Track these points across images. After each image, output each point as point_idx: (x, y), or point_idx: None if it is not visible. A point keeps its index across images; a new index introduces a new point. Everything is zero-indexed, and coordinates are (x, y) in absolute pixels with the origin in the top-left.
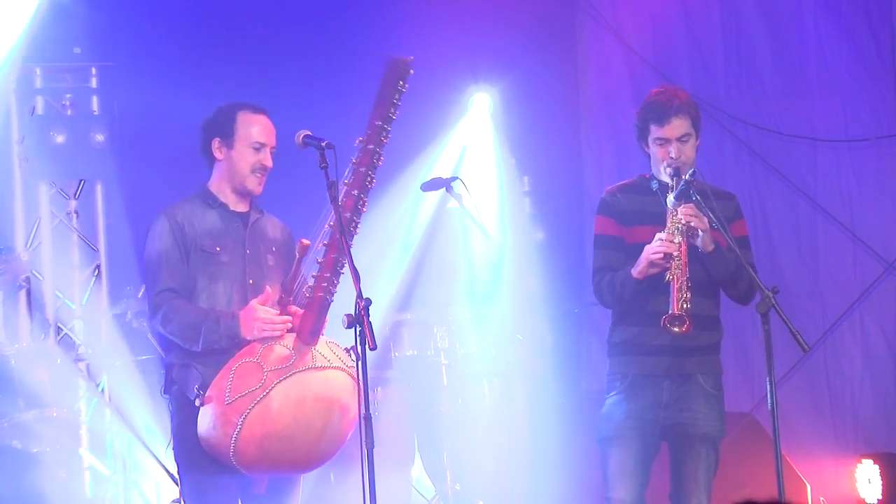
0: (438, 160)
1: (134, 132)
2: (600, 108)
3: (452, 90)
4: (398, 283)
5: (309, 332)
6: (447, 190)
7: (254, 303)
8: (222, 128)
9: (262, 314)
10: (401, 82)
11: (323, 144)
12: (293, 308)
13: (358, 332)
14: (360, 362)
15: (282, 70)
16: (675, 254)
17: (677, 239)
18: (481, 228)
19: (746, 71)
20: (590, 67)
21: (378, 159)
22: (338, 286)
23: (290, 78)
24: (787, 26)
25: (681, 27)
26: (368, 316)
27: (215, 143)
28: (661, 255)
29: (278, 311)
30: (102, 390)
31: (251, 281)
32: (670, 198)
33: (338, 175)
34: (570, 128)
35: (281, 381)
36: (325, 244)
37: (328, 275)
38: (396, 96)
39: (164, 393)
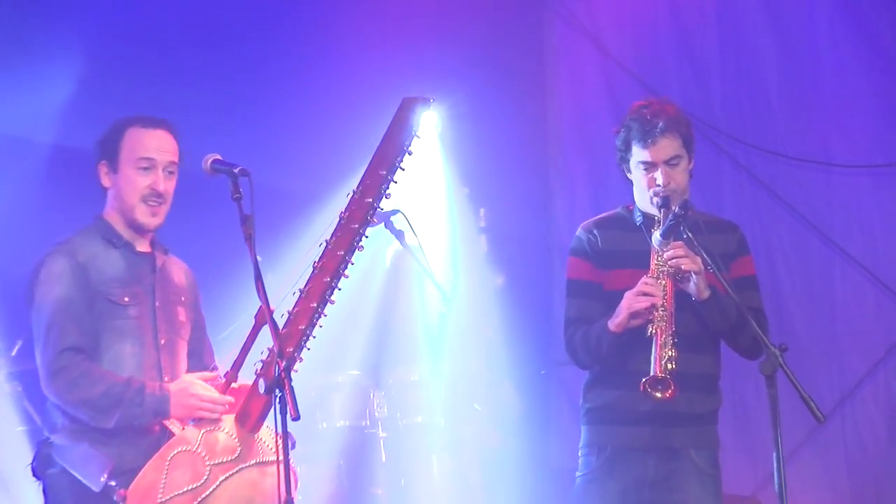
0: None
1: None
2: (572, 127)
3: (392, 106)
4: (328, 338)
5: (256, 416)
6: (386, 225)
7: (191, 377)
8: (108, 148)
9: (200, 390)
10: (415, 127)
11: (236, 171)
12: (242, 385)
13: (277, 399)
14: (280, 437)
15: (200, 93)
16: (661, 303)
17: (663, 284)
18: (427, 272)
19: (748, 83)
20: (559, 77)
21: (373, 215)
22: (299, 362)
23: (210, 103)
24: (796, 32)
25: (668, 29)
26: (290, 379)
27: (102, 168)
28: (645, 304)
29: (220, 387)
30: None
31: (163, 340)
32: (656, 234)
33: (255, 207)
34: (536, 150)
35: (227, 477)
36: (288, 311)
37: (290, 349)
38: (408, 142)
39: (37, 476)
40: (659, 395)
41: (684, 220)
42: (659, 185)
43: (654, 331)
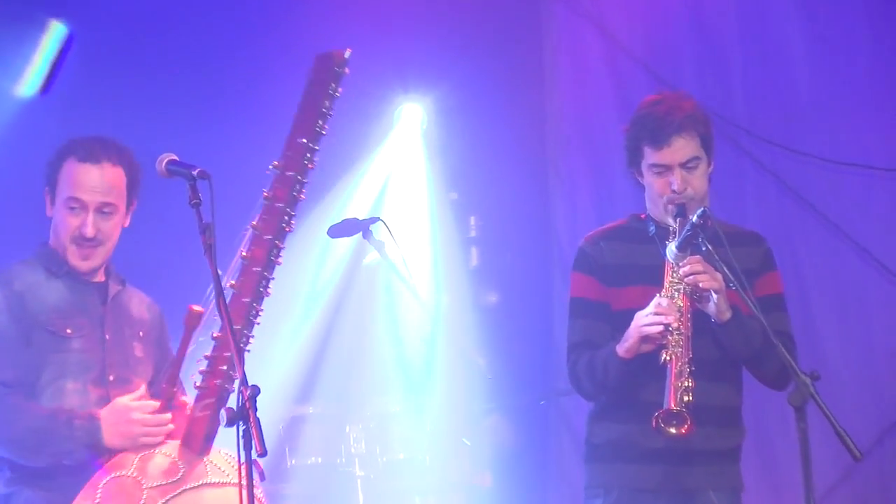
0: (353, 195)
1: None
2: (575, 124)
3: (372, 101)
4: (297, 363)
5: (203, 436)
6: (364, 235)
7: (124, 399)
8: (49, 177)
9: (135, 414)
10: (332, 85)
11: (194, 173)
12: (184, 400)
13: (241, 433)
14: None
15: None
16: (676, 325)
17: (679, 304)
18: (411, 289)
19: (774, 75)
20: (560, 68)
21: (300, 191)
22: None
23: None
24: (829, 19)
25: (683, 14)
26: (255, 410)
27: (46, 195)
28: (658, 327)
29: (158, 407)
30: None
31: (112, 377)
32: (671, 247)
33: (216, 216)
34: (534, 151)
35: (168, 500)
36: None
37: (228, 354)
38: (327, 104)
39: None
40: (673, 430)
41: (703, 231)
42: (674, 191)
43: (668, 357)
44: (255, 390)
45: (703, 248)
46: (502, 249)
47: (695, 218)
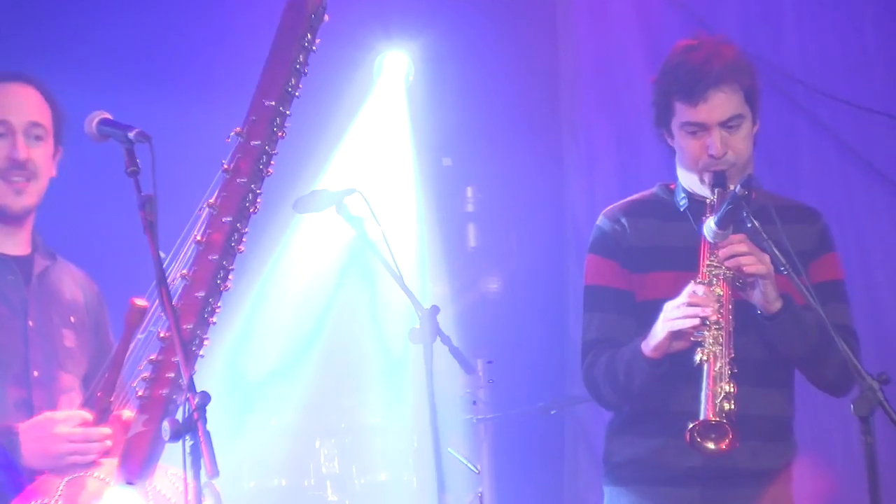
0: (325, 163)
1: None
2: (593, 75)
3: (347, 49)
4: (257, 364)
5: (145, 456)
6: (338, 210)
7: (52, 414)
8: None
9: (60, 428)
10: (308, 36)
11: (131, 135)
12: (123, 413)
13: (188, 449)
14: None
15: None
16: (714, 318)
17: (718, 292)
18: (394, 274)
19: (834, 16)
20: (576, 8)
21: (268, 164)
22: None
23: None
24: None
25: None
26: (205, 422)
27: None
28: (693, 322)
29: (90, 419)
30: None
31: (36, 373)
32: (709, 223)
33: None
34: (544, 108)
35: None
36: (173, 306)
37: (177, 359)
38: (301, 59)
39: None
40: (712, 445)
41: (747, 204)
42: (711, 156)
43: (704, 358)
44: (205, 398)
45: (748, 225)
46: (505, 227)
47: (737, 188)
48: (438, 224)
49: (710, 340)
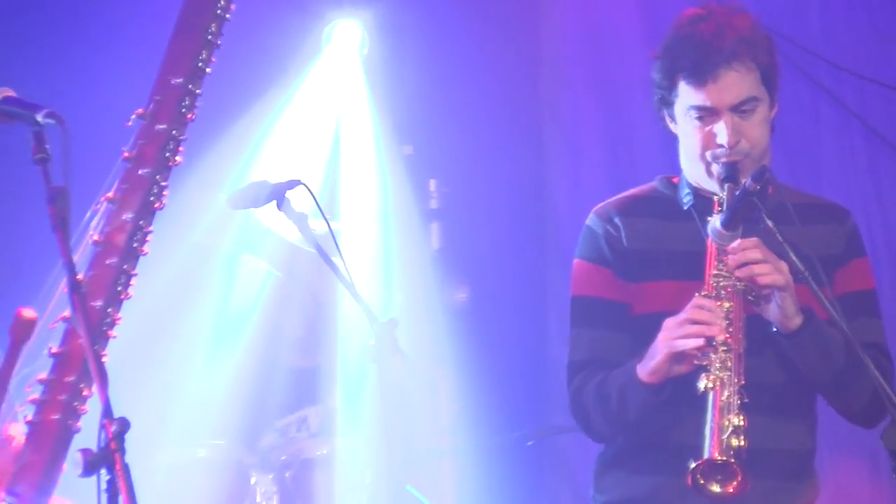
0: (263, 149)
1: None
2: (581, 48)
3: (290, 17)
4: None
5: (35, 488)
6: (279, 206)
7: None
8: None
9: None
10: (221, 2)
11: (38, 117)
12: (10, 434)
13: (104, 485)
14: None
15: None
16: (722, 338)
17: (727, 307)
18: (344, 280)
19: None
20: None
21: (175, 152)
22: (89, 399)
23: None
24: None
25: None
26: (124, 453)
27: None
28: (696, 342)
29: None
30: None
31: None
32: (715, 223)
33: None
34: (522, 88)
35: None
36: (65, 318)
37: (72, 379)
38: (213, 28)
39: None
40: (718, 488)
41: (760, 201)
42: (721, 146)
43: (710, 385)
44: (124, 425)
45: (761, 226)
46: (476, 226)
47: (748, 182)
48: (398, 222)
49: (717, 365)
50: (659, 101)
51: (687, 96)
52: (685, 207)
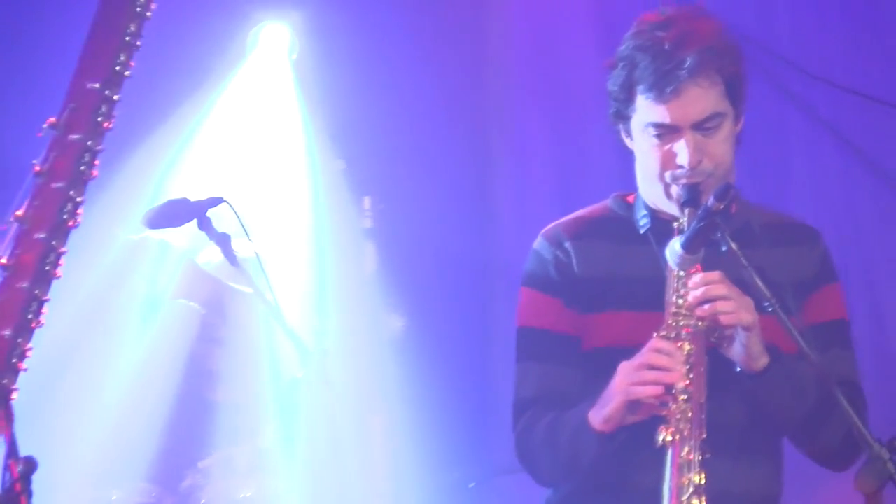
0: (182, 164)
1: None
2: (530, 56)
3: (213, 19)
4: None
5: None
6: (200, 225)
7: None
8: None
9: None
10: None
11: None
12: None
13: None
14: None
15: None
16: (682, 385)
17: (687, 349)
18: (271, 307)
19: None
20: None
21: (91, 165)
22: None
23: None
24: None
25: None
26: (30, 496)
27: None
28: (654, 390)
29: None
30: None
31: None
32: (674, 245)
33: None
34: (464, 95)
35: None
36: None
37: None
38: (132, 28)
39: None
40: None
41: (723, 221)
42: (683, 166)
43: (668, 438)
44: (31, 465)
45: (724, 248)
46: (414, 247)
47: (711, 200)
48: (329, 243)
49: (678, 416)
50: (614, 114)
51: (645, 112)
52: (641, 230)
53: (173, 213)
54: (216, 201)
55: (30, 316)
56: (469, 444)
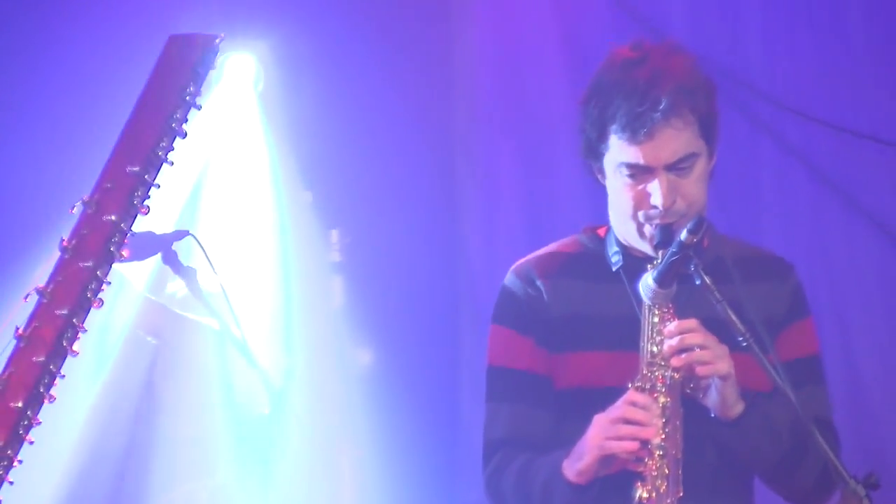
0: (147, 195)
1: None
2: (499, 88)
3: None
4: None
5: None
6: (164, 259)
7: None
8: None
9: None
10: (191, 87)
11: None
12: None
13: None
14: None
15: None
16: (657, 441)
17: (662, 401)
18: (236, 342)
19: (808, 14)
20: None
21: (120, 245)
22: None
23: None
24: None
25: None
26: None
27: None
28: (629, 445)
29: None
30: None
31: None
32: (647, 280)
33: None
34: (432, 127)
35: None
36: None
37: None
38: (178, 114)
39: None
40: None
41: (696, 255)
42: (656, 207)
43: (644, 496)
44: None
45: (697, 282)
46: (381, 282)
47: (684, 234)
48: (295, 277)
49: (654, 472)
50: (585, 150)
51: (618, 151)
52: (614, 267)
53: (138, 247)
54: (181, 234)
55: (42, 389)
56: (437, 482)
